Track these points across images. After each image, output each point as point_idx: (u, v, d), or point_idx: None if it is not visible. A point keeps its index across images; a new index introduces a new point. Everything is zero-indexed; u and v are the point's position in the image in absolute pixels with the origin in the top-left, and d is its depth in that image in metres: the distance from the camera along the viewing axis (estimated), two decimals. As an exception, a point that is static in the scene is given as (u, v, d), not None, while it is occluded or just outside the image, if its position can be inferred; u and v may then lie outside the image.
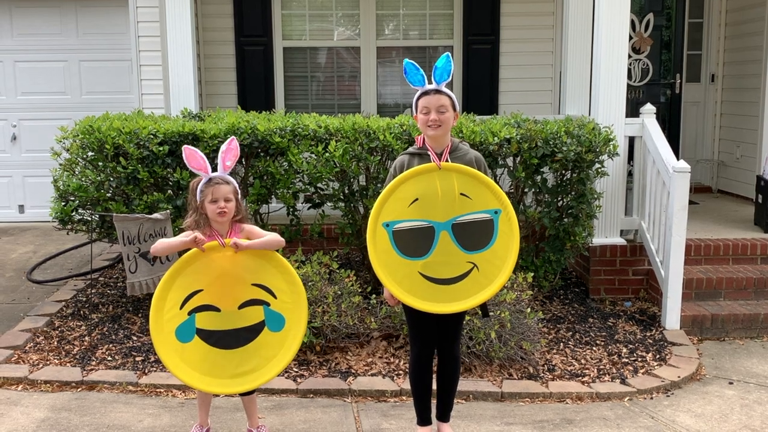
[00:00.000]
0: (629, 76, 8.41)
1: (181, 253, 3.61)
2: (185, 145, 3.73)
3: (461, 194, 3.46)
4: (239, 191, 3.70)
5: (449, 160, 3.52)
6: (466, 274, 3.48)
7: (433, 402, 3.91)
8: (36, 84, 8.55)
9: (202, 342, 3.52)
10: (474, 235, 3.47)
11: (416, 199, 3.47)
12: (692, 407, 4.45)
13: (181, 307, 3.50)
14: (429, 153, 3.53)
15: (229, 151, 3.66)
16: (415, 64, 3.55)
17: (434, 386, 3.88)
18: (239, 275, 3.55)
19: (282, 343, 3.58)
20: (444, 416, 3.90)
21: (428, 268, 3.47)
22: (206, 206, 3.58)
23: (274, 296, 3.57)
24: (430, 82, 3.53)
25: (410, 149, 3.69)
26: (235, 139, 3.73)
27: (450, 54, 3.58)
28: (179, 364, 3.49)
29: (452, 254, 3.46)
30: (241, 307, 3.54)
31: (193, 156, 3.62)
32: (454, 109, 3.54)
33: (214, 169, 3.65)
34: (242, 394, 3.84)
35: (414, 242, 3.47)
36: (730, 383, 4.81)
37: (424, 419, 3.86)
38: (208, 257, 3.53)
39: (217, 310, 3.53)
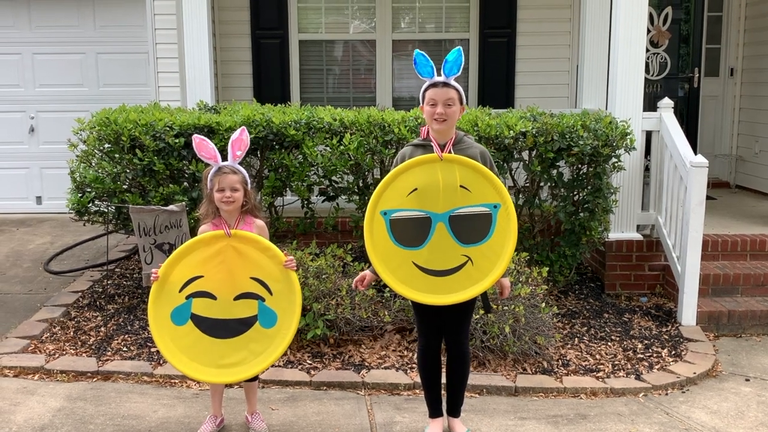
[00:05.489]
0: (647, 70, 8.34)
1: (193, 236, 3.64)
2: (195, 134, 3.74)
3: (461, 186, 3.44)
4: (249, 181, 3.72)
5: (452, 152, 3.49)
6: (459, 267, 3.45)
7: (444, 395, 3.91)
8: (54, 76, 8.61)
9: (194, 327, 3.54)
10: (471, 228, 3.44)
11: (415, 189, 3.45)
12: (708, 404, 4.42)
13: (180, 290, 3.54)
14: (432, 144, 3.52)
15: (239, 141, 3.68)
16: (426, 55, 3.54)
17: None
18: (241, 267, 3.55)
19: (271, 340, 3.55)
20: (454, 411, 3.88)
21: (422, 259, 3.45)
22: (214, 195, 3.61)
23: (271, 293, 3.56)
24: (439, 75, 3.51)
25: (414, 141, 3.68)
26: (246, 129, 3.74)
27: (461, 48, 3.56)
28: (169, 345, 3.54)
29: (447, 246, 3.44)
30: (236, 298, 3.55)
31: (203, 145, 3.64)
32: (461, 103, 3.53)
33: (225, 159, 3.67)
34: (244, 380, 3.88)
35: (410, 232, 3.45)
36: (747, 380, 4.77)
37: (435, 411, 3.86)
38: (214, 245, 3.55)
39: (214, 297, 3.55)
